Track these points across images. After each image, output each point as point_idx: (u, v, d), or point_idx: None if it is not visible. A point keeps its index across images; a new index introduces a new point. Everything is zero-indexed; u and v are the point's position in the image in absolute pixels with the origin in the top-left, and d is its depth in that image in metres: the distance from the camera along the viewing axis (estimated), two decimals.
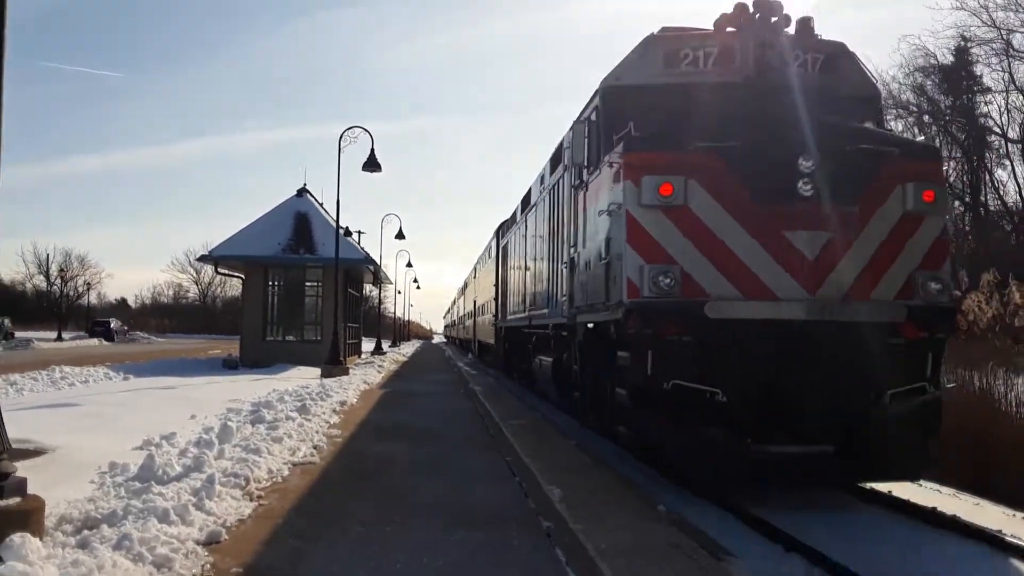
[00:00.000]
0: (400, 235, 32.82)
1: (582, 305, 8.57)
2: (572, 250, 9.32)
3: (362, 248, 26.85)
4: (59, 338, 53.46)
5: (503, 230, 19.25)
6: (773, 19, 7.27)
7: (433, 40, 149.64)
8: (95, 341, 53.93)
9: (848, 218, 6.54)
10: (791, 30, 7.45)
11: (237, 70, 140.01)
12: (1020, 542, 5.93)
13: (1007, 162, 42.01)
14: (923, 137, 31.21)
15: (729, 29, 7.55)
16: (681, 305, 6.37)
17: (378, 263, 27.41)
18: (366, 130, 18.73)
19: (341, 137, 18.37)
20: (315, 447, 7.63)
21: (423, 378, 19.86)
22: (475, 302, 28.11)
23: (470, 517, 5.09)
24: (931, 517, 6.45)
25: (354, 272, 25.43)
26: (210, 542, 4.35)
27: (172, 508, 4.52)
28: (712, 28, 7.72)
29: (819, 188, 6.41)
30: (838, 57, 7.90)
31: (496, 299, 19.73)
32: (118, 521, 4.35)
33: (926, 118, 43.88)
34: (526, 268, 14.37)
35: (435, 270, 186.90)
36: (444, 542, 4.53)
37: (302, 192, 24.73)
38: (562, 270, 10.03)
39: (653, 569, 3.94)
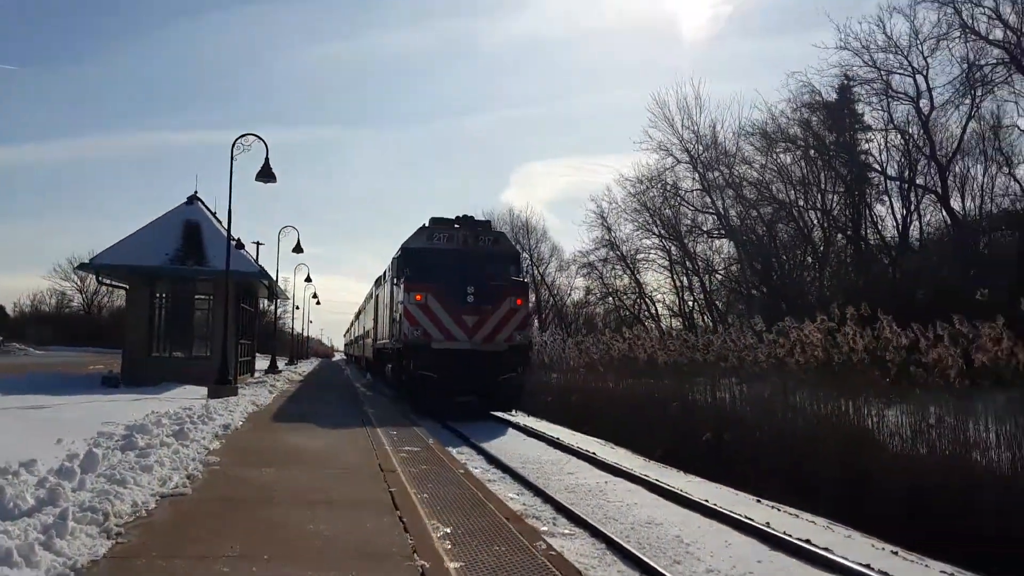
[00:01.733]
0: (298, 248, 32.12)
1: (393, 342, 20.41)
2: (391, 314, 20.84)
3: (256, 262, 26.06)
4: None
5: (377, 283, 27.66)
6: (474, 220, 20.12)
7: (332, 47, 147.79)
8: None
9: (487, 311, 17.67)
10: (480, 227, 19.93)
11: (127, 69, 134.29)
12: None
13: (886, 198, 44.59)
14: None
15: (456, 225, 19.38)
16: (421, 342, 17.51)
17: (273, 278, 26.66)
18: (260, 138, 18.17)
19: (234, 145, 17.77)
20: (188, 476, 7.27)
21: (315, 397, 19.37)
22: (364, 329, 37.18)
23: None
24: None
25: (248, 286, 24.62)
26: None
27: (16, 548, 4.20)
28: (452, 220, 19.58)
29: (476, 299, 17.57)
30: (499, 238, 20.43)
31: (373, 331, 28.97)
32: None
33: (812, 152, 46.21)
34: (377, 318, 26.61)
35: (337, 285, 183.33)
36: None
37: (193, 200, 23.72)
38: (385, 325, 22.54)
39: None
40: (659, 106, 57.94)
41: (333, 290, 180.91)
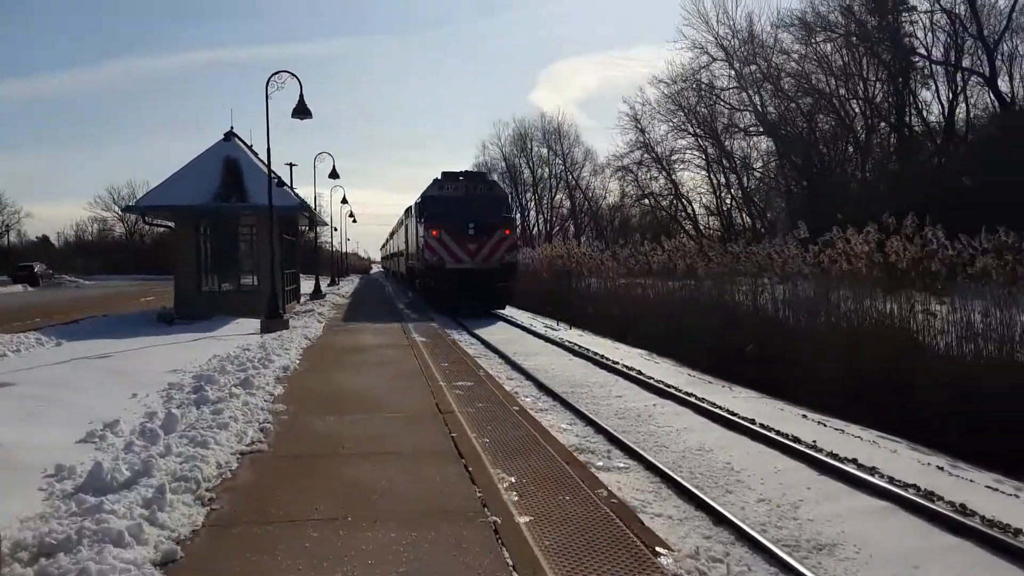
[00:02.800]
0: (334, 174, 32.25)
1: (419, 264, 27.84)
2: (417, 244, 28.05)
3: (296, 194, 26.32)
4: None
5: (406, 214, 34.92)
6: (473, 173, 30.90)
7: None
8: (19, 287, 52.08)
9: (484, 240, 25.31)
10: (478, 178, 28.74)
11: None
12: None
13: (931, 82, 43.04)
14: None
15: (460, 178, 27.24)
16: (438, 264, 25.27)
17: (312, 207, 26.91)
18: (294, 75, 18.16)
19: (268, 83, 17.77)
20: (261, 429, 7.70)
21: (362, 325, 19.91)
22: (398, 248, 44.20)
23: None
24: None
25: (289, 219, 24.97)
26: (166, 562, 4.45)
27: (126, 528, 4.59)
28: (458, 173, 27.45)
29: (476, 232, 25.22)
30: (492, 186, 28.67)
31: (404, 253, 37.36)
32: (73, 547, 4.41)
33: (854, 39, 44.48)
34: (407, 243, 34.51)
35: (370, 197, 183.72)
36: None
37: (229, 136, 23.90)
38: (413, 250, 29.95)
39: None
40: (693, 2, 56.06)
41: (367, 203, 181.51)
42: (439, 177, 27.04)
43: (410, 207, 31.83)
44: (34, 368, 11.87)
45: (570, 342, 18.48)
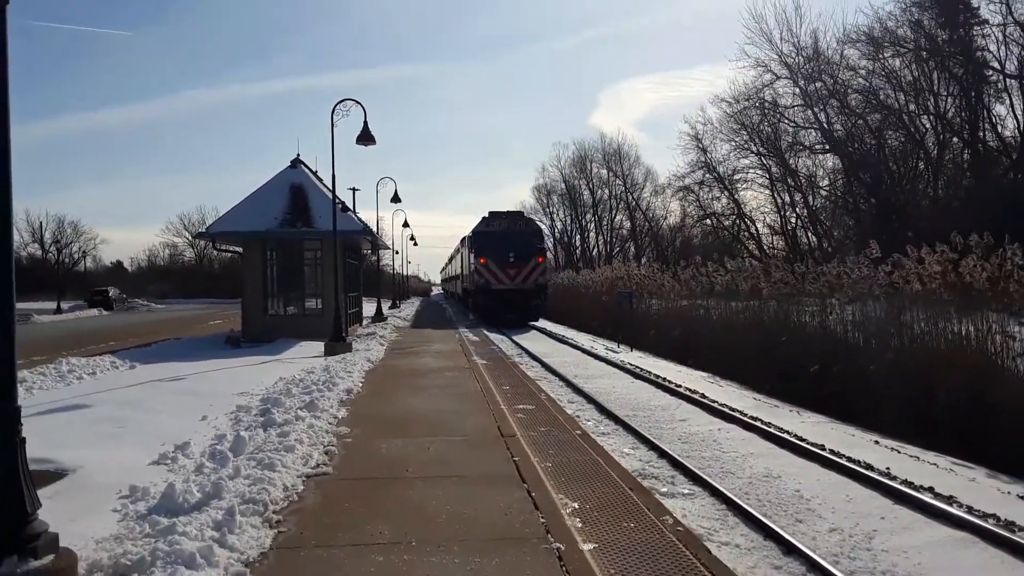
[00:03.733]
0: (396, 198, 32.81)
1: (471, 286, 34.89)
2: (469, 269, 35.57)
3: (358, 218, 26.81)
4: (58, 309, 53.53)
5: (461, 243, 42.15)
6: (514, 212, 38.25)
7: None
8: (95, 311, 54.16)
9: (521, 266, 32.62)
10: (518, 216, 36.57)
11: (213, 25, 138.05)
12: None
13: (1005, 96, 41.67)
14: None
15: (503, 216, 34.85)
16: (485, 286, 32.80)
17: (375, 232, 27.34)
18: (358, 102, 18.59)
19: (333, 111, 18.21)
20: (326, 452, 7.81)
21: (422, 347, 20.07)
22: (455, 273, 52.31)
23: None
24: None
25: (352, 242, 25.43)
26: None
27: (197, 550, 4.68)
28: (502, 212, 35.41)
29: (515, 260, 32.60)
30: (528, 222, 35.82)
31: (460, 277, 44.98)
32: (147, 568, 4.52)
33: (923, 53, 43.39)
34: (463, 269, 40.94)
35: (432, 220, 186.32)
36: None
37: (296, 163, 24.58)
38: (467, 274, 37.13)
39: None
40: (756, 20, 55.60)
41: (428, 225, 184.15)
42: (487, 216, 34.92)
43: (464, 238, 39.18)
44: (109, 390, 12.27)
45: (631, 364, 18.31)
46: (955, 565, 5.75)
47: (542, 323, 33.24)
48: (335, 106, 18.30)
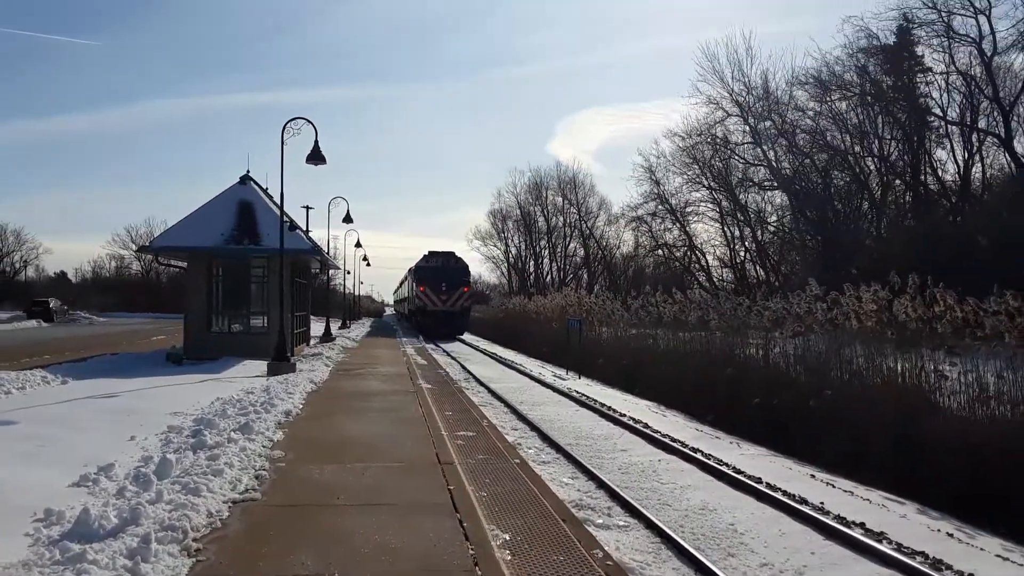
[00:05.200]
0: (348, 219, 32.56)
1: (413, 307, 47.92)
2: (412, 294, 48.58)
3: (308, 237, 26.50)
4: None
5: (408, 273, 54.51)
6: (448, 252, 48.23)
7: (371, 4, 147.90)
8: (34, 323, 52.48)
9: (451, 293, 44.06)
10: (451, 255, 47.18)
11: (164, 36, 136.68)
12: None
13: (946, 142, 43.13)
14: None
15: (439, 254, 46.38)
16: (423, 307, 44.50)
17: (325, 251, 27.06)
18: (309, 121, 18.42)
19: (284, 129, 18.01)
20: (256, 476, 7.61)
21: (368, 370, 19.83)
22: (405, 297, 62.63)
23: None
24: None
25: (301, 261, 25.11)
26: None
27: None
28: (439, 252, 47.11)
29: (446, 289, 43.92)
30: (458, 260, 46.64)
31: (406, 299, 57.07)
32: None
33: (869, 97, 44.75)
34: (408, 293, 55.48)
35: (386, 240, 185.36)
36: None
37: (245, 179, 24.19)
38: (411, 297, 50.18)
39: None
40: (708, 59, 56.92)
41: (383, 246, 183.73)
42: (427, 253, 46.46)
43: (410, 268, 52.20)
44: (37, 406, 11.84)
45: (578, 392, 18.33)
46: None
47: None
48: (286, 124, 18.12)
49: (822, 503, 8.59)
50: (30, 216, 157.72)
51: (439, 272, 44.18)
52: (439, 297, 43.59)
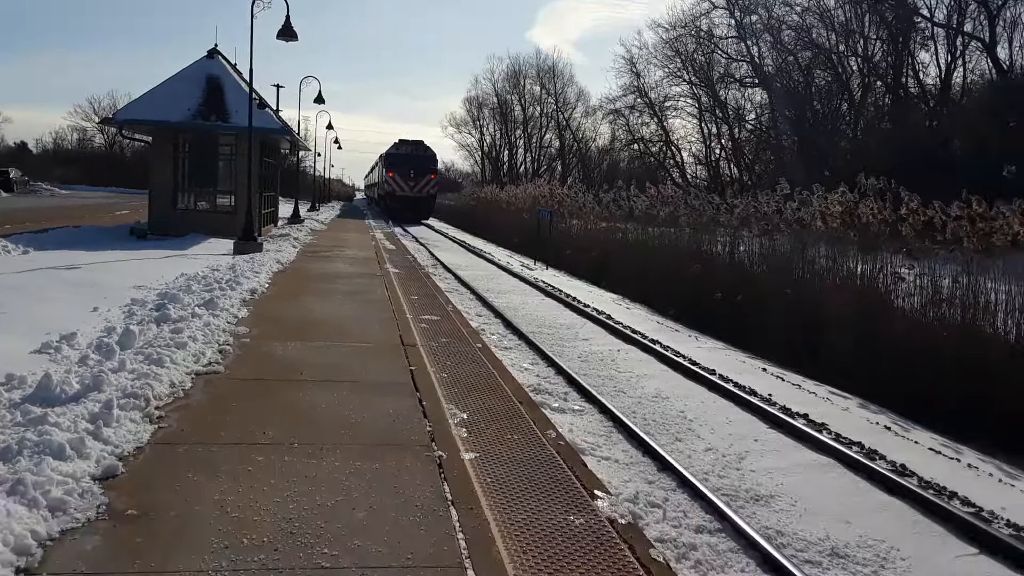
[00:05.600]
0: (319, 99, 31.66)
1: (383, 192, 51.51)
2: (382, 179, 51.32)
3: (278, 111, 25.84)
4: None
5: (379, 159, 56.02)
6: (416, 140, 49.72)
7: None
8: None
9: (419, 180, 46.84)
10: (420, 144, 49.15)
11: None
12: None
13: (931, 44, 42.60)
14: None
15: (409, 142, 48.30)
16: (391, 192, 47.53)
17: (295, 132, 26.42)
18: None
19: (253, 2, 17.25)
20: (220, 351, 7.69)
21: (335, 253, 19.80)
22: (373, 181, 66.43)
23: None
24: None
25: (270, 141, 24.55)
26: (106, 477, 4.46)
27: (68, 442, 4.58)
28: (409, 140, 48.93)
29: (414, 175, 46.58)
30: (427, 149, 48.33)
31: (376, 184, 58.62)
32: (12, 458, 4.40)
33: None
34: (378, 179, 56.24)
35: (361, 123, 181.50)
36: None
37: (213, 53, 23.27)
38: (380, 184, 52.93)
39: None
40: None
41: (356, 129, 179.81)
42: (397, 142, 48.40)
43: (380, 155, 55.12)
44: None
45: (544, 282, 18.53)
46: (815, 487, 6.12)
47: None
48: None
49: (770, 395, 8.92)
50: None
51: (408, 160, 46.58)
52: (407, 183, 46.39)
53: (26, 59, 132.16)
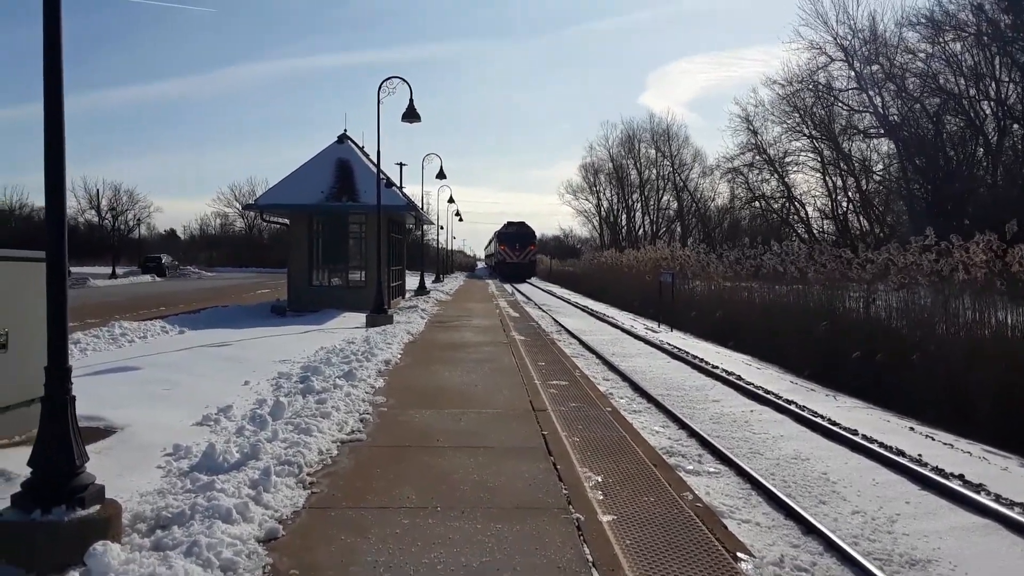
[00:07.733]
0: (441, 175, 32.99)
1: (496, 261, 71.85)
2: (496, 250, 71.67)
3: (403, 194, 27.10)
4: (113, 275, 55.10)
5: (495, 236, 76.86)
6: (520, 222, 72.69)
7: None
8: (148, 277, 55.59)
9: (521, 250, 66.60)
10: (523, 224, 71.28)
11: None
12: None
13: None
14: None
15: (515, 223, 69.38)
16: (503, 260, 66.60)
17: (419, 207, 27.60)
18: (404, 80, 18.77)
19: (380, 88, 18.41)
20: (361, 419, 8.06)
21: (462, 322, 20.31)
22: (490, 252, 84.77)
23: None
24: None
25: (397, 217, 25.75)
26: (268, 539, 4.76)
27: (234, 506, 4.93)
28: (516, 222, 69.46)
29: (518, 247, 66.23)
30: (527, 226, 69.79)
31: (492, 255, 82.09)
32: (186, 521, 4.78)
33: (985, 38, 41.96)
34: (494, 251, 77.04)
35: (477, 195, 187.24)
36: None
37: (343, 138, 24.93)
38: (495, 255, 74.88)
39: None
40: (811, 2, 54.39)
41: (475, 201, 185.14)
42: (506, 223, 67.36)
43: (496, 232, 73.62)
44: (158, 353, 12.74)
45: (670, 344, 18.33)
46: (976, 551, 5.76)
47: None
48: (381, 83, 18.57)
49: (920, 455, 8.47)
50: (140, 176, 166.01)
51: (514, 236, 65.32)
52: (514, 253, 64.60)
53: (175, 154, 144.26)
